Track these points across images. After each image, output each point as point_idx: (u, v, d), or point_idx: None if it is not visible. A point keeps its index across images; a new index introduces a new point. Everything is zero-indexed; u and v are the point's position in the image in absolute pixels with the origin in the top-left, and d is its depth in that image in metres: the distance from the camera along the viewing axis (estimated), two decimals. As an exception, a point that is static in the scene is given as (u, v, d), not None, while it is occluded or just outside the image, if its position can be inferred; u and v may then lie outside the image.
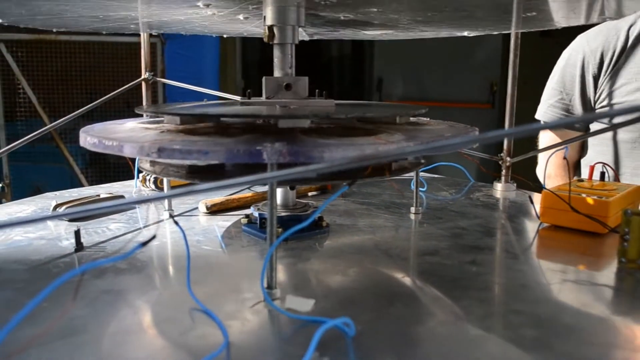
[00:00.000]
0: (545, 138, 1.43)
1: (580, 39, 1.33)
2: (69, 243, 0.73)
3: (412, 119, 0.81)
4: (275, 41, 0.70)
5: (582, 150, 1.40)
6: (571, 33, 1.31)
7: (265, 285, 0.54)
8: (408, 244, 0.76)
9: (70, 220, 0.83)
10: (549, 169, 1.38)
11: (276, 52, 0.73)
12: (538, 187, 1.00)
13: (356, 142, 0.56)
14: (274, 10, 0.68)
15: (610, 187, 0.84)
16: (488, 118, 4.84)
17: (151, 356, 0.45)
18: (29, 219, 0.40)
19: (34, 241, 0.74)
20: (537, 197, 0.87)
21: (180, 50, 3.08)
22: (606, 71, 1.26)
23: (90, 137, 0.60)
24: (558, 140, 1.34)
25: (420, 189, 1.05)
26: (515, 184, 1.09)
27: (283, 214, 0.76)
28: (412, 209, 0.88)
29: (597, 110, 1.30)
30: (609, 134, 1.28)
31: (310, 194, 1.03)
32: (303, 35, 1.14)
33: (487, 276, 0.64)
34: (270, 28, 0.71)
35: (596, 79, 1.28)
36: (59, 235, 0.77)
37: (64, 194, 1.04)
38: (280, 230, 0.68)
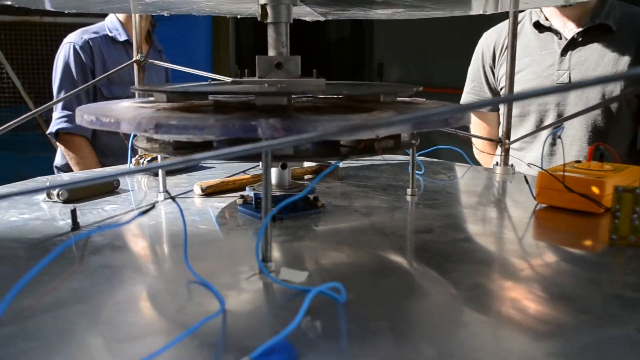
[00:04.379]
0: (472, 120, 1.69)
1: (482, 37, 1.65)
2: (64, 223, 0.77)
3: (407, 99, 0.86)
4: (269, 20, 0.74)
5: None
6: None
7: (260, 258, 0.58)
8: (403, 224, 0.81)
9: (64, 202, 0.87)
10: (479, 146, 1.59)
11: (270, 31, 0.77)
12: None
13: (348, 118, 0.60)
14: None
15: (607, 167, 0.88)
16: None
17: (150, 322, 0.50)
18: (44, 187, 0.44)
19: (30, 221, 0.79)
20: (531, 179, 0.92)
21: (172, 33, 3.10)
22: (498, 60, 1.58)
23: (87, 115, 0.64)
24: (481, 124, 1.69)
25: (418, 172, 1.09)
26: (514, 167, 1.14)
27: (278, 193, 0.80)
28: (409, 191, 0.93)
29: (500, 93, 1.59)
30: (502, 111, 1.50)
31: (306, 177, 1.08)
32: (316, 15, 1.19)
33: (479, 253, 0.68)
34: (264, 7, 0.75)
35: (492, 68, 1.60)
36: (54, 217, 0.81)
37: (57, 179, 1.08)
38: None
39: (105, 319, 0.49)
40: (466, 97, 1.68)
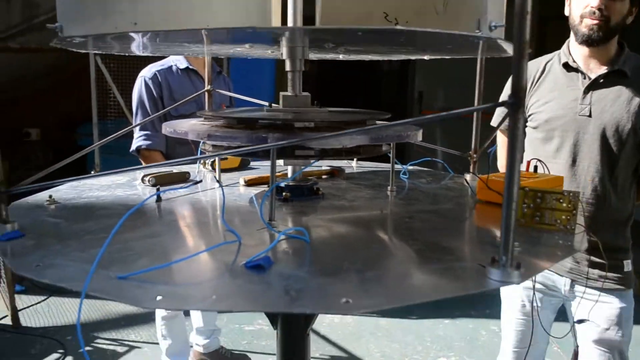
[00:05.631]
0: (499, 139, 1.91)
1: None
2: (152, 198, 1.07)
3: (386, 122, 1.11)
4: (287, 69, 1.02)
5: None
6: None
7: (267, 219, 0.86)
8: (375, 208, 1.06)
9: (153, 185, 1.17)
10: (503, 161, 1.81)
11: (289, 76, 1.04)
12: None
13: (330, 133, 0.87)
14: (286, 50, 1.00)
15: (533, 176, 1.11)
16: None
17: (197, 245, 0.78)
18: (157, 165, 0.73)
19: (129, 196, 1.09)
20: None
21: (242, 65, 3.47)
22: (529, 91, 1.76)
23: (169, 127, 0.94)
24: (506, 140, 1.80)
25: (404, 176, 1.34)
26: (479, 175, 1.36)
27: (292, 184, 1.08)
28: (389, 188, 1.18)
29: (528, 118, 1.78)
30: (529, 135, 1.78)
31: (324, 176, 1.34)
32: (339, 57, 1.45)
33: (419, 223, 0.94)
34: (284, 60, 1.03)
35: None
36: (145, 193, 1.12)
37: (148, 170, 1.39)
38: (288, 194, 1.01)
39: (173, 244, 0.78)
40: (496, 120, 1.84)
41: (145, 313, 3.14)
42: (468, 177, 1.37)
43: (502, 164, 1.84)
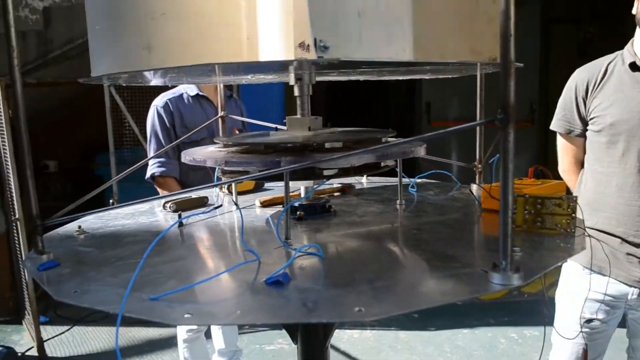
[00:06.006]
0: (559, 142, 1.88)
1: (575, 72, 1.77)
2: (174, 222, 1.14)
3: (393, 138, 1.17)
4: (296, 94, 1.08)
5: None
6: (604, 55, 1.68)
7: (283, 237, 0.91)
8: (385, 222, 1.12)
9: (174, 212, 1.24)
10: (563, 165, 1.84)
11: (297, 100, 1.11)
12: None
13: (335, 155, 0.93)
14: (294, 76, 1.06)
15: (536, 182, 1.15)
16: (529, 134, 5.04)
17: (219, 265, 0.84)
18: (180, 192, 0.80)
19: (152, 223, 1.16)
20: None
21: (251, 86, 3.57)
22: (591, 94, 1.69)
23: (188, 156, 1.01)
24: (569, 146, 1.83)
25: (412, 189, 1.39)
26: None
27: (305, 203, 1.14)
28: (397, 202, 1.23)
29: (589, 122, 1.72)
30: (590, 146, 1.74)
31: (335, 194, 1.40)
32: (343, 77, 1.52)
33: (426, 234, 0.99)
34: (292, 86, 1.09)
35: (584, 100, 1.71)
36: (167, 219, 1.18)
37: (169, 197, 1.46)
38: (302, 213, 1.07)
39: (197, 265, 0.84)
40: (556, 123, 1.81)
41: (167, 337, 3.20)
42: (474, 187, 1.42)
43: (562, 168, 1.83)
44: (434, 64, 1.03)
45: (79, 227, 1.09)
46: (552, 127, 1.84)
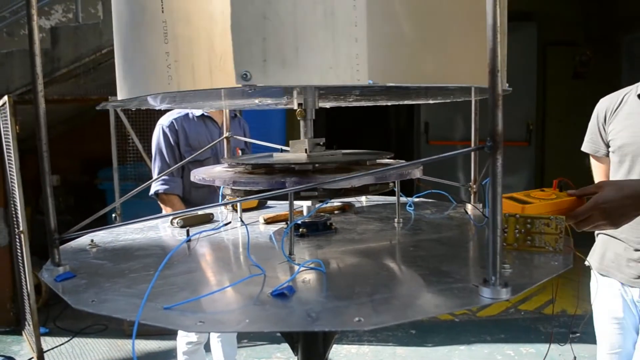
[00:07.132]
0: (592, 161, 2.05)
1: (600, 101, 2.01)
2: (181, 237, 1.19)
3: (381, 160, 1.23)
4: (299, 118, 1.15)
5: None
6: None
7: (287, 252, 0.97)
8: (383, 239, 1.17)
9: (181, 227, 1.30)
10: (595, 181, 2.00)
11: (302, 123, 1.17)
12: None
13: (337, 176, 0.99)
14: (298, 102, 1.13)
15: (551, 195, 1.19)
16: (526, 154, 5.12)
17: (225, 278, 0.90)
18: (185, 211, 0.85)
19: (162, 237, 1.21)
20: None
21: (254, 113, 3.66)
22: (608, 120, 1.93)
23: (197, 175, 1.06)
24: (598, 164, 2.03)
25: (410, 208, 1.45)
26: (481, 204, 1.47)
27: (307, 221, 1.19)
28: (395, 220, 1.29)
29: (609, 143, 1.93)
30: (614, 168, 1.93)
31: (336, 212, 1.46)
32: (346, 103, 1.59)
33: (422, 251, 1.04)
34: (298, 112, 1.15)
35: (603, 126, 1.96)
36: (174, 235, 1.24)
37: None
38: (305, 230, 1.13)
39: (206, 278, 0.90)
40: (585, 145, 2.03)
41: (166, 350, 3.23)
42: (469, 206, 1.48)
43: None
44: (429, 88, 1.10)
45: (92, 240, 1.15)
46: (583, 148, 2.05)
